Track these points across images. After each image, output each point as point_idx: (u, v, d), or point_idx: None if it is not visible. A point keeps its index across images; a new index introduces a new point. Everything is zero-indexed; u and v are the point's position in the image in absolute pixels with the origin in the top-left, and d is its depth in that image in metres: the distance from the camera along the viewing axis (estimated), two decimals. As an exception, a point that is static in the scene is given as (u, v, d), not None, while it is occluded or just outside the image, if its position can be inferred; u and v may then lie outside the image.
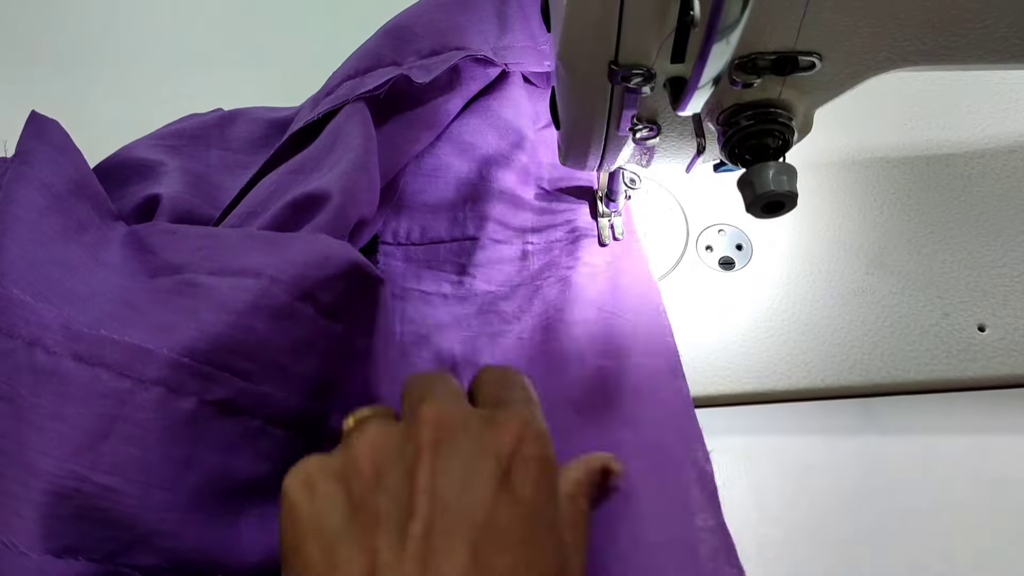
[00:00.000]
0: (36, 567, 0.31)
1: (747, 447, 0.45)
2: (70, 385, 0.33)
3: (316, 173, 0.45)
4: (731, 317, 0.49)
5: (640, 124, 0.37)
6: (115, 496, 0.32)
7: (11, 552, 0.31)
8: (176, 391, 0.33)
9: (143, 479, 0.33)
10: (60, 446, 0.32)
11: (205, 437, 0.34)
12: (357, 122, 0.46)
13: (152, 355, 0.33)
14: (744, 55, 0.33)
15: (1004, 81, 0.58)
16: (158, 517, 0.33)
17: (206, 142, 0.54)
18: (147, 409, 0.33)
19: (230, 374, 0.34)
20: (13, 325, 0.34)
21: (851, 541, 0.42)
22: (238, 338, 0.35)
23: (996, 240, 0.51)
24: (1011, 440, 0.45)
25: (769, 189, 0.35)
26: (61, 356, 0.33)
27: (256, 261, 0.36)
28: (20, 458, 0.32)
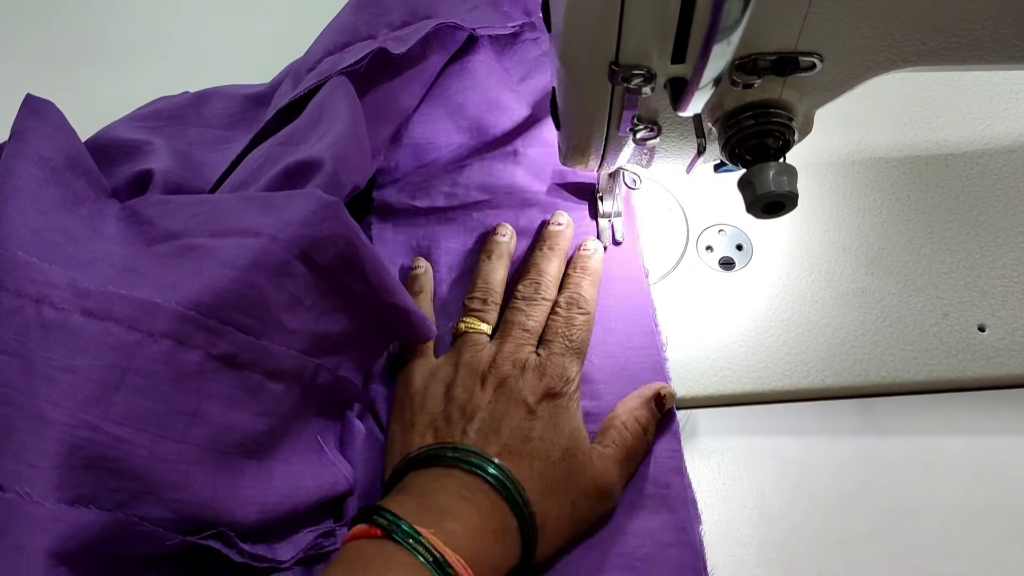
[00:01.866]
0: (49, 515, 0.31)
1: (747, 447, 0.45)
2: (80, 338, 0.33)
3: (305, 144, 0.46)
4: (731, 317, 0.49)
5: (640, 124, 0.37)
6: (126, 446, 0.33)
7: (25, 501, 0.31)
8: (184, 344, 0.34)
9: (153, 430, 0.34)
10: (72, 397, 0.32)
11: (210, 391, 0.35)
12: (341, 95, 0.47)
13: (160, 309, 0.34)
14: (745, 55, 0.33)
15: (1004, 81, 0.58)
16: (167, 468, 0.34)
17: (184, 121, 0.55)
18: (156, 361, 0.34)
19: (233, 328, 0.36)
20: (19, 284, 0.34)
21: (851, 541, 0.42)
22: (241, 293, 0.36)
23: (995, 240, 0.51)
24: (1011, 440, 0.45)
25: (769, 189, 0.35)
26: (70, 312, 0.34)
27: (254, 222, 0.37)
28: (32, 410, 0.32)
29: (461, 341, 0.46)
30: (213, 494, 0.36)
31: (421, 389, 0.44)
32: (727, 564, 0.42)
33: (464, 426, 0.41)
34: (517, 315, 0.45)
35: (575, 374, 0.44)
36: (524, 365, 0.43)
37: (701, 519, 0.42)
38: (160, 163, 0.48)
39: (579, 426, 0.42)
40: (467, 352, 0.45)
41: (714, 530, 0.43)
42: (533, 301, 0.46)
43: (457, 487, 0.38)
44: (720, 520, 0.43)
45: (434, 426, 0.42)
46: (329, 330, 0.41)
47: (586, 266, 0.48)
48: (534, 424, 0.41)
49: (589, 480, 0.40)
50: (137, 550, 0.35)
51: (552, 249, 0.48)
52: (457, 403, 0.42)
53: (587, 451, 0.41)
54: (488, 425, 0.41)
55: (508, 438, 0.40)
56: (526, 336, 0.44)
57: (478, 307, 0.47)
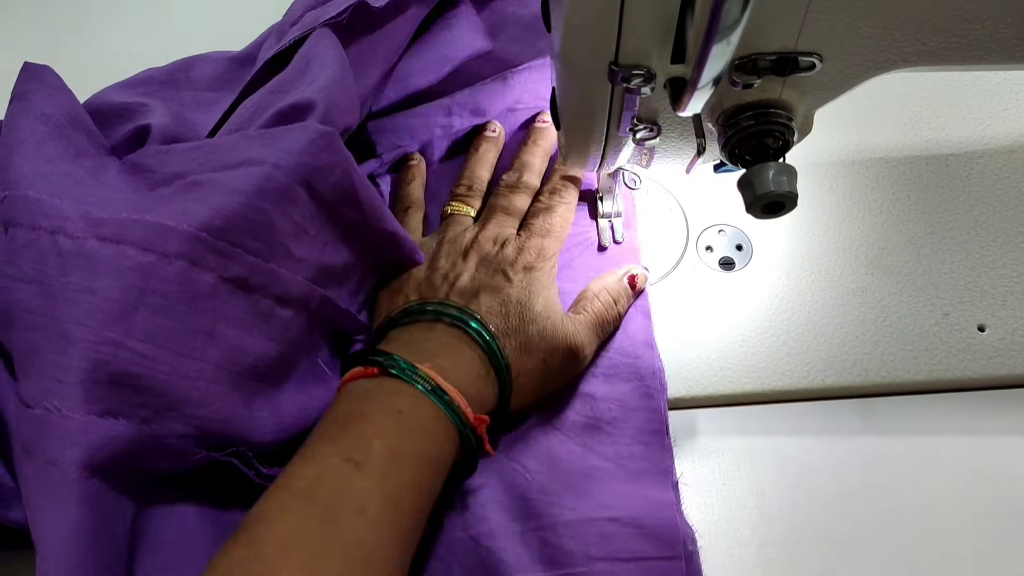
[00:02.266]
0: (79, 427, 0.33)
1: (747, 447, 0.45)
2: (97, 262, 0.34)
3: (295, 90, 0.47)
4: (731, 317, 0.49)
5: (640, 124, 0.37)
6: (148, 363, 0.34)
7: (54, 415, 0.33)
8: (197, 265, 0.36)
9: (173, 347, 0.35)
10: (93, 316, 0.34)
11: (224, 313, 0.37)
12: (327, 45, 0.48)
13: (173, 231, 0.35)
14: (744, 55, 0.33)
15: (1004, 81, 0.58)
16: (187, 385, 0.35)
17: (175, 85, 0.57)
18: (172, 282, 0.35)
19: (244, 251, 0.37)
20: (33, 219, 0.35)
21: (851, 541, 0.42)
22: (249, 217, 0.37)
23: (995, 240, 0.51)
24: (1011, 440, 0.45)
25: (769, 190, 0.35)
26: (84, 239, 0.35)
27: (256, 152, 0.39)
28: (56, 331, 0.34)
29: (446, 222, 0.50)
30: (231, 412, 0.37)
31: None
32: (727, 564, 0.42)
33: (447, 290, 0.45)
34: (500, 199, 0.49)
35: (552, 253, 0.47)
36: (505, 242, 0.47)
37: (667, 389, 0.45)
38: (157, 119, 0.49)
39: (553, 295, 0.46)
40: (451, 230, 0.48)
41: (714, 530, 0.43)
42: (516, 188, 0.50)
43: (440, 335, 0.42)
44: (720, 520, 0.43)
45: (419, 290, 0.46)
46: (332, 262, 0.43)
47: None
48: (511, 290, 0.44)
49: (560, 339, 0.43)
50: (162, 465, 0.36)
51: (536, 144, 0.52)
52: (440, 271, 0.46)
53: (559, 315, 0.45)
54: (468, 289, 0.44)
55: (486, 300, 0.44)
56: (508, 219, 0.48)
57: (464, 193, 0.51)
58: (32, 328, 0.34)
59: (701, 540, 0.42)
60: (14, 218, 0.36)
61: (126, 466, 0.34)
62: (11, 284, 0.35)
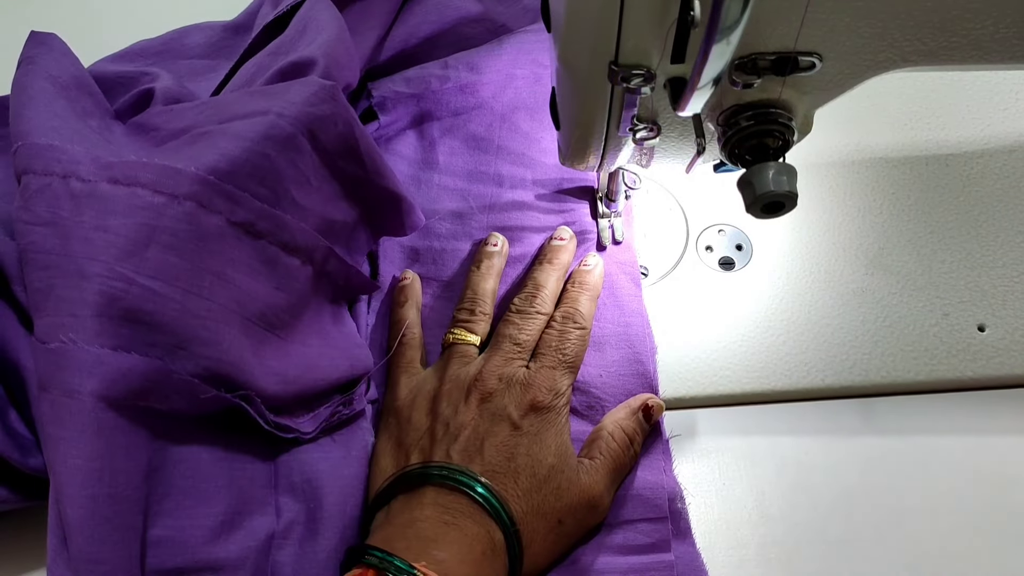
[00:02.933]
0: (94, 359, 0.33)
1: (747, 447, 0.45)
2: (109, 202, 0.35)
3: (295, 51, 0.47)
4: (731, 317, 0.49)
5: (640, 124, 0.37)
6: (159, 299, 0.35)
7: (69, 347, 0.33)
8: (206, 207, 0.36)
9: (183, 285, 0.36)
10: (107, 251, 0.34)
11: (233, 256, 0.38)
12: (323, 8, 0.49)
13: (182, 173, 0.36)
14: (744, 55, 0.33)
15: (1004, 81, 0.58)
16: (197, 324, 0.36)
17: (170, 55, 0.58)
18: (182, 221, 0.36)
19: (250, 195, 0.38)
20: (46, 165, 0.36)
21: (851, 540, 0.42)
22: (254, 163, 0.38)
23: (996, 240, 0.51)
24: (1011, 440, 0.45)
25: (769, 189, 0.35)
26: (96, 182, 0.36)
27: (260, 105, 0.40)
28: (70, 267, 0.34)
29: (448, 352, 0.45)
30: (239, 357, 0.37)
31: (407, 402, 0.44)
32: (727, 564, 0.42)
33: (448, 445, 0.41)
34: (509, 328, 0.45)
35: (566, 388, 0.43)
36: (511, 380, 0.42)
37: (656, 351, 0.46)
38: (160, 84, 0.49)
39: (566, 441, 0.42)
40: (454, 364, 0.44)
41: (714, 530, 0.43)
42: (527, 314, 0.45)
43: (440, 513, 0.38)
44: (720, 520, 0.43)
45: (419, 444, 0.42)
46: (334, 217, 0.43)
47: (585, 281, 0.47)
48: (520, 440, 0.41)
49: (576, 495, 0.40)
50: (176, 404, 0.36)
51: (551, 263, 0.47)
52: (442, 419, 0.42)
53: (574, 466, 0.41)
54: (472, 444, 0.41)
55: (492, 457, 0.40)
56: (516, 350, 0.44)
57: (466, 318, 0.46)
58: (47, 267, 0.35)
59: (701, 540, 0.42)
60: (28, 166, 0.37)
61: (140, 404, 0.35)
62: (26, 228, 0.36)
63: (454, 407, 0.42)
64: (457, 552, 0.37)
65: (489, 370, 0.43)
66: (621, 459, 0.42)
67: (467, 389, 0.42)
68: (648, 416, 0.44)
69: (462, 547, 0.37)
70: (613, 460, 0.42)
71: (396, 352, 0.46)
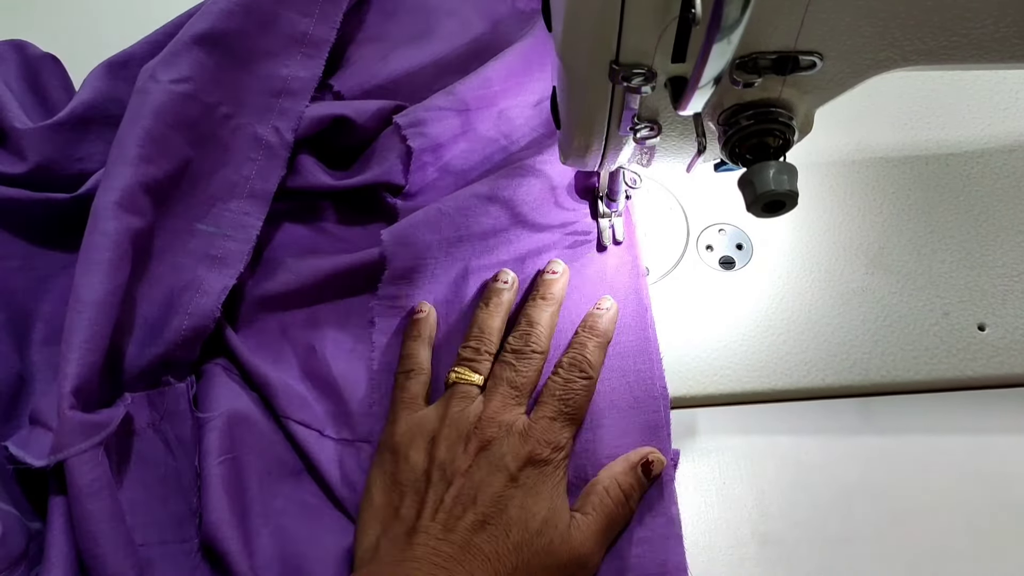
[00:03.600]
0: None
1: (747, 447, 0.45)
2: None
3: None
4: (731, 317, 0.49)
5: (641, 124, 0.37)
6: None
7: None
8: None
9: None
10: None
11: None
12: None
13: None
14: (745, 54, 0.33)
15: (1004, 81, 0.58)
16: None
17: None
18: None
19: None
20: None
21: (851, 540, 0.42)
22: None
23: (996, 240, 0.51)
24: (1011, 439, 0.45)
25: (769, 188, 0.35)
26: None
27: None
28: None
29: (450, 392, 0.44)
30: None
31: (406, 440, 0.43)
32: (727, 563, 0.42)
33: (443, 491, 0.41)
34: (506, 370, 0.44)
35: (566, 441, 0.42)
36: (510, 428, 0.42)
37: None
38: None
39: (561, 495, 0.41)
40: (455, 406, 0.43)
41: (714, 529, 0.43)
42: (523, 355, 0.44)
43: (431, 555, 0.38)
44: (720, 519, 0.43)
45: (415, 486, 0.42)
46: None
47: (595, 326, 0.45)
48: (515, 493, 0.40)
49: (566, 553, 0.40)
50: None
51: (545, 299, 0.46)
52: (438, 463, 0.42)
53: (566, 523, 0.40)
54: (467, 492, 0.40)
55: (485, 507, 0.40)
56: (514, 394, 0.43)
57: (470, 356, 0.45)
58: None
59: (701, 539, 0.42)
60: None
61: None
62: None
63: (452, 452, 0.42)
64: None
65: (488, 416, 0.42)
66: (615, 516, 0.41)
67: (466, 436, 0.42)
68: (647, 471, 0.42)
69: None
70: (607, 517, 0.41)
71: (400, 386, 0.46)
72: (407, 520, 0.41)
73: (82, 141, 0.51)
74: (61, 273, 0.50)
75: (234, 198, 0.48)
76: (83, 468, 0.38)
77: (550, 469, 0.41)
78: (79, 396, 0.39)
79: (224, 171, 0.48)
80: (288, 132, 0.50)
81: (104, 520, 0.38)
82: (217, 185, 0.48)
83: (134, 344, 0.44)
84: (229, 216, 0.48)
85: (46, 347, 0.47)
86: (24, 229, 0.50)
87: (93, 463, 0.38)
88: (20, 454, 0.39)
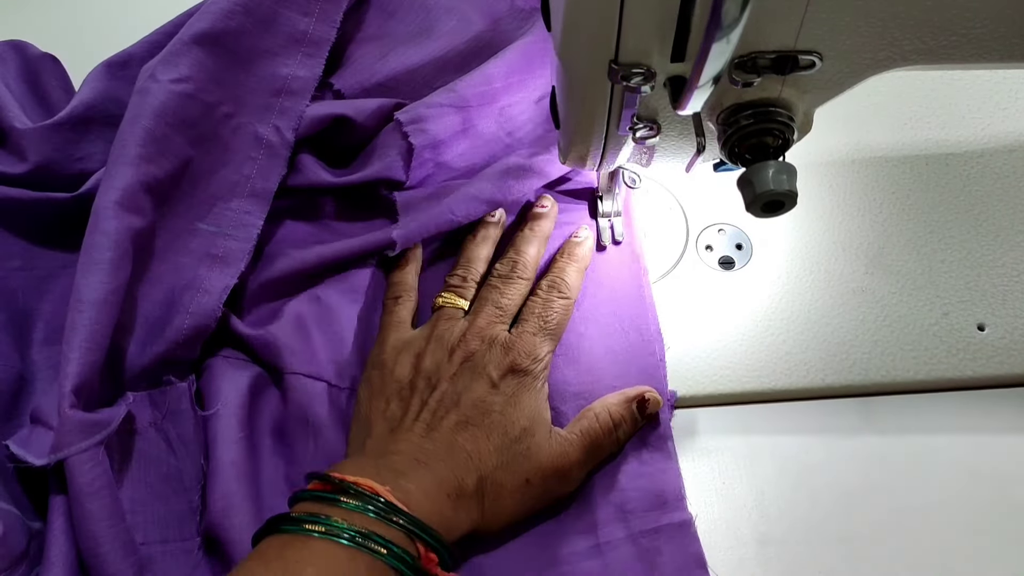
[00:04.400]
0: None
1: (747, 447, 0.45)
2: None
3: None
4: (731, 317, 0.49)
5: (640, 123, 0.37)
6: None
7: None
8: None
9: None
10: None
11: None
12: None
13: None
14: (744, 54, 0.33)
15: (1004, 81, 0.58)
16: None
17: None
18: None
19: None
20: None
21: (851, 540, 0.42)
22: None
23: (995, 239, 0.51)
24: (1011, 439, 0.45)
25: (769, 188, 0.35)
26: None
27: None
28: None
29: (437, 315, 0.47)
30: None
31: (392, 356, 0.46)
32: (727, 563, 0.42)
33: (427, 396, 0.43)
34: (491, 292, 0.47)
35: (545, 354, 0.45)
36: (493, 341, 0.44)
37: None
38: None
39: (542, 407, 0.43)
40: (440, 325, 0.46)
41: (714, 529, 0.43)
42: (509, 279, 0.47)
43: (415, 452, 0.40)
44: (720, 519, 0.43)
45: (400, 394, 0.44)
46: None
47: (574, 253, 0.48)
48: (495, 399, 0.42)
49: (545, 460, 0.41)
50: None
51: (533, 231, 0.49)
52: (423, 373, 0.44)
53: (547, 433, 0.42)
54: (450, 397, 0.42)
55: (468, 410, 0.42)
56: (498, 313, 0.46)
57: (457, 283, 0.48)
58: None
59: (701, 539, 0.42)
60: None
61: None
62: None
63: (437, 363, 0.44)
64: (424, 488, 0.38)
65: (473, 332, 0.45)
66: (600, 440, 0.43)
67: (451, 348, 0.44)
68: (642, 408, 0.44)
69: (430, 485, 0.39)
70: (591, 439, 0.43)
71: (388, 311, 0.48)
72: (392, 420, 0.43)
73: (82, 141, 0.51)
74: (62, 273, 0.50)
75: (235, 197, 0.48)
76: (83, 467, 0.38)
77: (530, 380, 0.43)
78: (80, 395, 0.39)
79: (225, 170, 0.48)
80: (289, 131, 0.50)
81: (104, 519, 0.38)
82: (218, 184, 0.48)
83: (135, 343, 0.44)
84: (230, 215, 0.48)
85: (47, 347, 0.47)
86: (25, 229, 0.50)
87: (93, 462, 0.38)
88: (21, 453, 0.39)
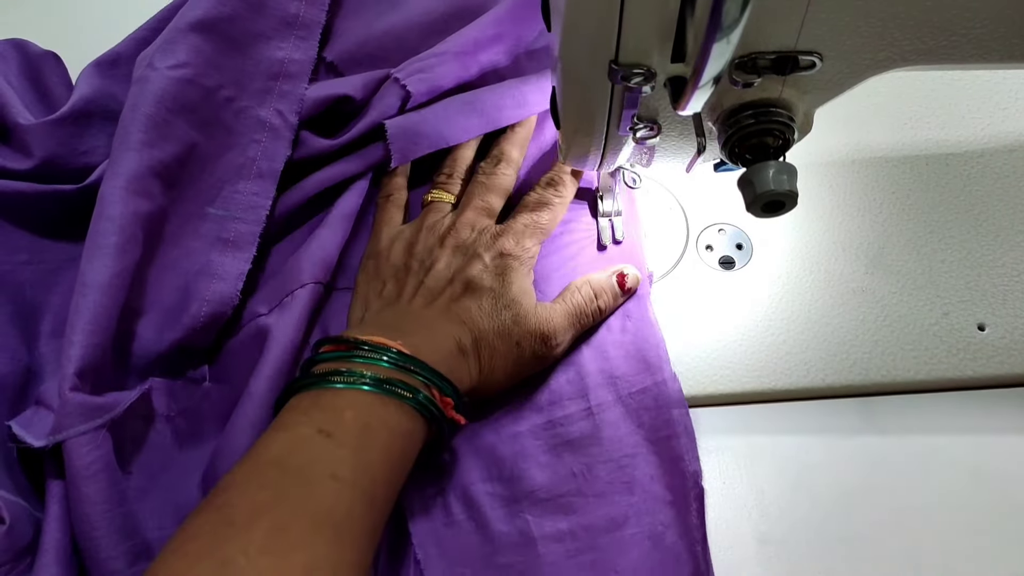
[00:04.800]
0: None
1: (747, 447, 0.45)
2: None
3: None
4: (731, 316, 0.49)
5: (640, 123, 0.37)
6: None
7: None
8: None
9: None
10: None
11: None
12: None
13: None
14: (744, 54, 0.33)
15: (1004, 81, 0.58)
16: None
17: None
18: None
19: None
20: None
21: (851, 540, 0.42)
22: None
23: (995, 239, 0.51)
24: (1011, 439, 0.45)
25: (769, 188, 0.35)
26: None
27: None
28: None
29: (426, 209, 0.51)
30: None
31: (387, 245, 0.49)
32: (727, 563, 0.42)
33: (423, 276, 0.46)
34: (477, 187, 0.50)
35: (533, 245, 0.48)
36: (483, 230, 0.47)
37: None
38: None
39: (528, 286, 0.46)
40: (430, 216, 0.50)
41: (714, 529, 0.43)
42: (494, 175, 0.50)
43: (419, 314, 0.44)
44: (720, 519, 0.43)
45: (395, 276, 0.47)
46: None
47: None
48: (486, 275, 0.45)
49: (533, 324, 0.45)
50: None
51: (515, 131, 0.52)
52: (417, 257, 0.47)
53: (533, 303, 0.46)
54: (443, 275, 0.46)
55: (461, 284, 0.45)
56: (484, 206, 0.49)
57: (443, 180, 0.52)
58: None
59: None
60: None
61: None
62: None
63: (429, 249, 0.48)
64: (429, 344, 0.41)
65: (463, 222, 0.48)
66: (582, 308, 0.46)
67: (442, 236, 0.48)
68: (621, 283, 0.48)
69: (434, 342, 0.42)
70: (574, 307, 0.46)
71: (381, 209, 0.52)
72: (389, 299, 0.47)
73: (85, 135, 0.51)
74: (69, 265, 0.50)
75: (242, 179, 0.49)
76: (81, 450, 0.38)
77: (517, 263, 0.46)
78: (84, 378, 0.39)
79: (230, 154, 0.48)
80: (291, 114, 0.50)
81: (100, 503, 0.37)
82: (224, 168, 0.48)
83: (151, 329, 0.44)
84: (238, 198, 0.48)
85: (54, 339, 0.47)
86: (31, 222, 0.50)
87: (92, 445, 0.38)
88: (22, 434, 0.39)
